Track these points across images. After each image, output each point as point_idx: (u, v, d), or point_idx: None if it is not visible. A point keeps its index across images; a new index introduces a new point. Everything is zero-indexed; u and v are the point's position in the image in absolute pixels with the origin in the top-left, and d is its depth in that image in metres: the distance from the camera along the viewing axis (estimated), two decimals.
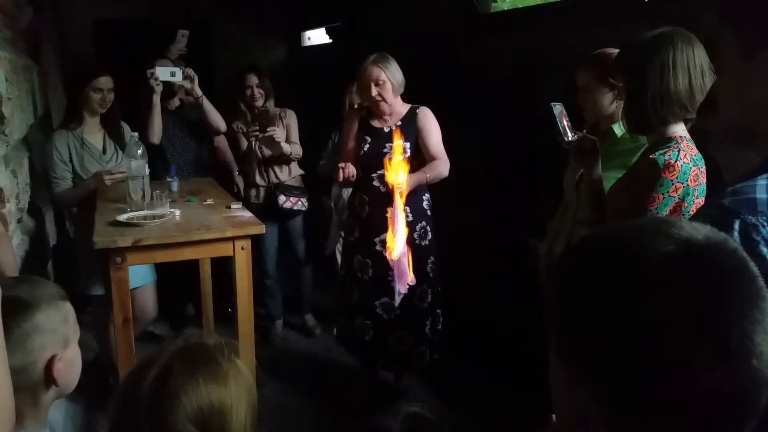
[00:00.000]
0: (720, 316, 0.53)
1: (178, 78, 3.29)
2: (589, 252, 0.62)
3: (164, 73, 3.26)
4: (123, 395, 0.95)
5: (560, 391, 0.63)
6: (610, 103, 2.05)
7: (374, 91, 2.64)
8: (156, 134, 3.32)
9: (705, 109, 1.49)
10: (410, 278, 2.35)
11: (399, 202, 2.36)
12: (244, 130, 3.59)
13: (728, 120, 1.03)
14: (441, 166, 2.72)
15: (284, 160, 3.61)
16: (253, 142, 3.52)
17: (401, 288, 2.38)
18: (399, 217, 2.34)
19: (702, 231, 0.58)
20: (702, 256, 0.56)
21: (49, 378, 1.13)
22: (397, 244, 2.31)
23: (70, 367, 1.17)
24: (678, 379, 0.52)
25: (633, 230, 0.60)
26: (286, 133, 3.60)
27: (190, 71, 3.35)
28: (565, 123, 1.88)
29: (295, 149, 3.59)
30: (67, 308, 1.20)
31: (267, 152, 3.58)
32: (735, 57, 0.98)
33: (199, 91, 3.38)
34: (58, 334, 1.15)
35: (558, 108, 1.90)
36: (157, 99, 3.30)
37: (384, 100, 2.66)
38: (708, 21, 1.55)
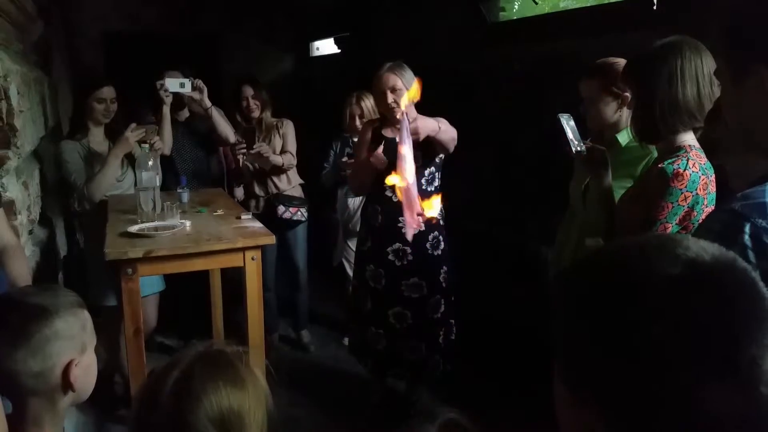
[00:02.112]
0: (728, 341, 0.51)
1: (187, 89, 3.31)
2: (592, 271, 0.61)
3: (174, 84, 3.28)
4: (144, 398, 0.98)
5: (564, 409, 0.62)
6: (614, 112, 2.05)
7: (390, 98, 2.63)
8: (167, 145, 3.34)
9: (712, 116, 1.48)
10: (420, 212, 2.25)
11: (406, 126, 2.22)
12: (236, 141, 3.57)
13: (734, 127, 1.03)
14: (452, 130, 2.64)
15: (280, 169, 3.60)
16: (241, 159, 3.51)
17: (413, 223, 2.34)
18: (407, 144, 2.26)
19: (710, 251, 0.56)
20: (709, 279, 0.54)
21: (66, 383, 1.16)
22: (406, 172, 2.26)
23: (86, 373, 1.20)
24: (685, 404, 0.51)
25: (637, 249, 0.59)
26: (282, 141, 3.59)
27: (200, 82, 3.37)
28: (571, 134, 1.88)
29: (287, 159, 3.56)
30: (85, 316, 1.23)
31: (257, 166, 3.58)
32: (726, 75, 0.99)
33: (208, 102, 3.39)
34: (76, 341, 1.18)
35: (565, 118, 1.90)
36: (167, 110, 3.32)
37: (399, 107, 2.66)
38: (713, 30, 1.55)
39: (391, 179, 2.22)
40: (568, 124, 1.89)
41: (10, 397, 1.15)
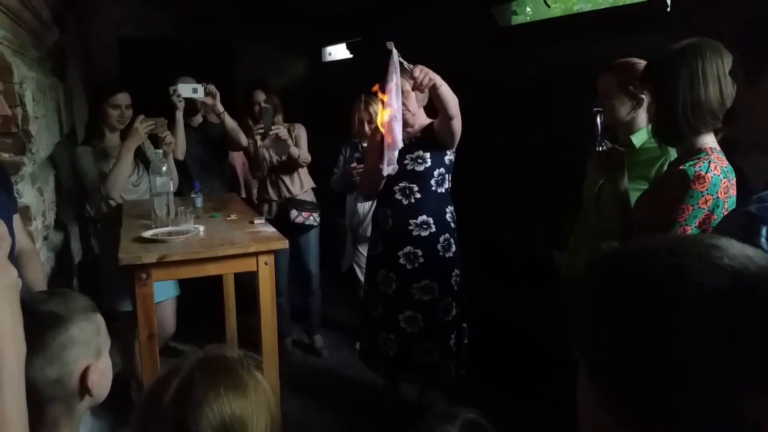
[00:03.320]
0: None
1: (200, 94, 3.33)
2: (620, 276, 0.58)
3: (186, 89, 3.30)
4: (145, 405, 0.97)
5: (588, 416, 0.60)
6: (627, 113, 2.05)
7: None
8: (180, 150, 3.35)
9: (727, 117, 1.47)
10: (400, 145, 2.36)
11: (395, 63, 2.27)
12: (254, 141, 3.56)
13: (749, 127, 1.02)
14: (455, 98, 2.54)
15: (294, 167, 3.58)
16: (258, 140, 3.47)
17: (391, 155, 2.37)
18: (395, 79, 2.28)
19: (755, 260, 0.54)
20: (756, 292, 0.52)
21: (83, 388, 1.16)
22: (392, 105, 2.29)
23: (102, 376, 1.20)
24: (723, 415, 0.50)
25: (671, 255, 0.55)
26: (296, 144, 3.59)
27: (212, 87, 3.38)
28: (600, 131, 1.88)
29: (303, 153, 3.55)
30: (99, 320, 1.23)
31: (275, 158, 3.56)
32: (741, 77, 0.97)
33: (220, 107, 3.40)
34: (91, 346, 1.18)
35: (600, 114, 1.90)
36: (180, 115, 3.33)
37: (408, 109, 2.66)
38: (728, 31, 1.53)
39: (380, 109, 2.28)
40: (599, 121, 1.88)
41: (28, 404, 1.15)
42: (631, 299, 0.55)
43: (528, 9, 4.18)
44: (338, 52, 5.96)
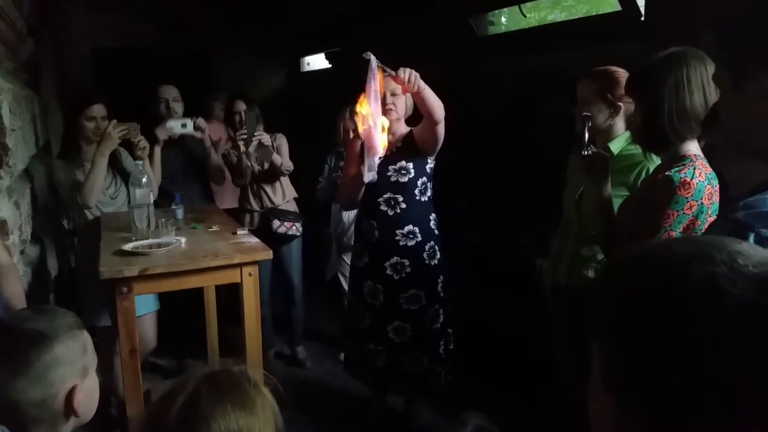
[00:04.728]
0: None
1: (189, 129, 3.35)
2: (651, 283, 0.57)
3: (176, 125, 3.33)
4: (150, 421, 0.96)
5: (603, 422, 0.60)
6: (605, 120, 2.10)
7: (389, 100, 2.63)
8: (155, 184, 3.26)
9: (708, 122, 1.50)
10: (380, 151, 2.40)
11: (373, 68, 2.30)
12: (236, 153, 3.54)
13: (733, 133, 1.04)
14: (440, 103, 2.56)
15: (276, 176, 3.57)
16: (241, 146, 3.44)
17: (372, 161, 2.40)
18: (374, 87, 2.30)
19: None
20: None
21: (69, 409, 1.13)
22: (371, 112, 2.32)
23: (89, 396, 1.18)
24: (745, 425, 0.50)
25: (702, 262, 0.54)
26: (278, 153, 3.58)
27: (201, 122, 3.41)
28: (588, 135, 1.91)
29: (285, 162, 3.55)
30: (85, 337, 1.20)
31: (257, 166, 3.54)
32: (726, 82, 0.99)
33: (208, 142, 3.45)
34: (77, 365, 1.15)
35: (589, 120, 1.93)
36: (158, 150, 3.31)
37: (396, 111, 2.67)
38: (706, 40, 1.57)
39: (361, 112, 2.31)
40: (588, 126, 1.91)
41: (11, 427, 1.11)
42: (662, 307, 0.54)
43: (503, 19, 4.24)
44: (317, 62, 5.97)
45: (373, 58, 2.31)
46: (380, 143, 2.39)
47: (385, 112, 2.63)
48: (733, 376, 0.50)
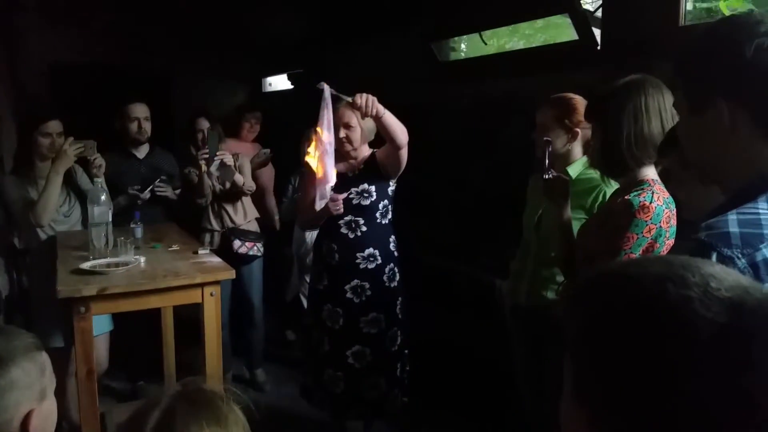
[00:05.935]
0: None
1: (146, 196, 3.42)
2: (626, 303, 0.57)
3: (146, 195, 3.43)
4: None
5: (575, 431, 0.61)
6: (563, 145, 2.18)
7: (342, 133, 2.63)
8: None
9: (664, 147, 1.57)
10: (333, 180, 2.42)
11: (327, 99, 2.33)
12: (197, 172, 3.50)
13: (691, 158, 1.09)
14: (402, 127, 2.55)
15: (238, 195, 3.54)
16: (203, 165, 3.40)
17: (323, 190, 2.42)
18: (327, 116, 2.33)
19: (751, 291, 0.55)
20: (755, 325, 0.53)
21: None
22: (325, 141, 2.35)
23: (46, 420, 1.13)
24: None
25: (677, 285, 0.55)
26: (240, 173, 3.56)
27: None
28: (549, 160, 1.97)
29: (248, 181, 3.52)
30: (44, 358, 1.15)
31: (218, 186, 3.51)
32: (685, 108, 1.04)
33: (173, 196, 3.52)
34: (34, 389, 1.10)
35: (549, 145, 2.01)
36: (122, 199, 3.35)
37: (350, 143, 2.67)
38: (660, 68, 1.65)
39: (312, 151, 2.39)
40: (549, 150, 1.99)
41: None
42: (637, 328, 0.55)
43: (463, 46, 4.35)
44: (279, 82, 5.97)
45: (326, 87, 2.32)
46: (332, 172, 2.39)
47: (341, 145, 2.64)
48: (705, 399, 0.51)
